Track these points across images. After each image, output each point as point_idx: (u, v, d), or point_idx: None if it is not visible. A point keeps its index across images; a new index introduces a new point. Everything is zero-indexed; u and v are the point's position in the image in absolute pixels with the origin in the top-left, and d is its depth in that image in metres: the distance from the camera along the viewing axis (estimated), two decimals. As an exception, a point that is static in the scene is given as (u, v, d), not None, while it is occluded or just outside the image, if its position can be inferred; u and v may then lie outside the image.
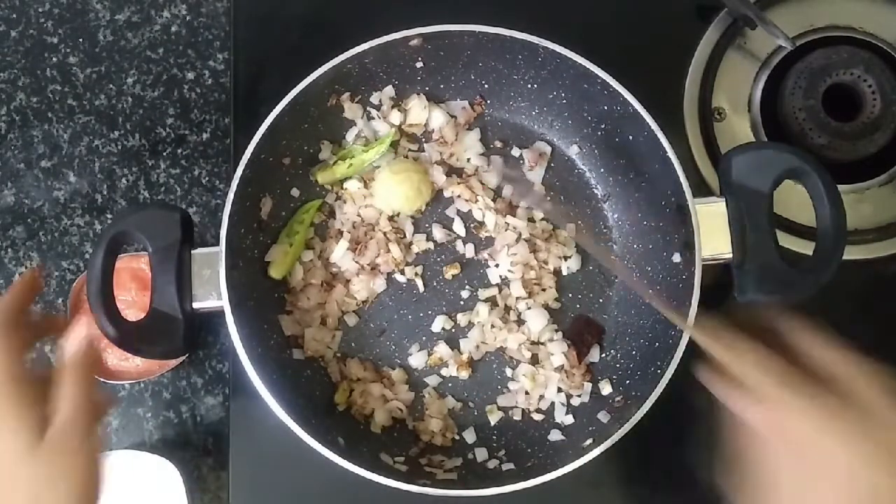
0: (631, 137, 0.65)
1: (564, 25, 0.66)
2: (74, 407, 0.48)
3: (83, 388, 0.49)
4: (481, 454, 0.66)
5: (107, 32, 0.80)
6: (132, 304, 0.68)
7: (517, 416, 0.68)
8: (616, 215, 0.71)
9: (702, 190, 0.70)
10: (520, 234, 0.70)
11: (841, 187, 0.61)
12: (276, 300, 0.69)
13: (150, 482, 0.63)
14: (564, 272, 0.70)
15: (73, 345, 0.51)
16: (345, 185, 0.70)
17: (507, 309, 0.69)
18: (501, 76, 0.69)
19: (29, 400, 0.48)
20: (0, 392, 0.48)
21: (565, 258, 0.70)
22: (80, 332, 0.55)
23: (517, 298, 0.69)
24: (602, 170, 0.71)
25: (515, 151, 0.72)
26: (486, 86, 0.71)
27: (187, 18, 0.80)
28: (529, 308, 0.69)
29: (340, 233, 0.70)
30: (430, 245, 0.70)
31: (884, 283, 0.73)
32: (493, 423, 0.68)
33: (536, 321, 0.68)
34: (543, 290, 0.70)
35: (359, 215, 0.70)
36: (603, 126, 0.68)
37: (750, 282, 0.60)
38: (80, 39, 0.80)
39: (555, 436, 0.67)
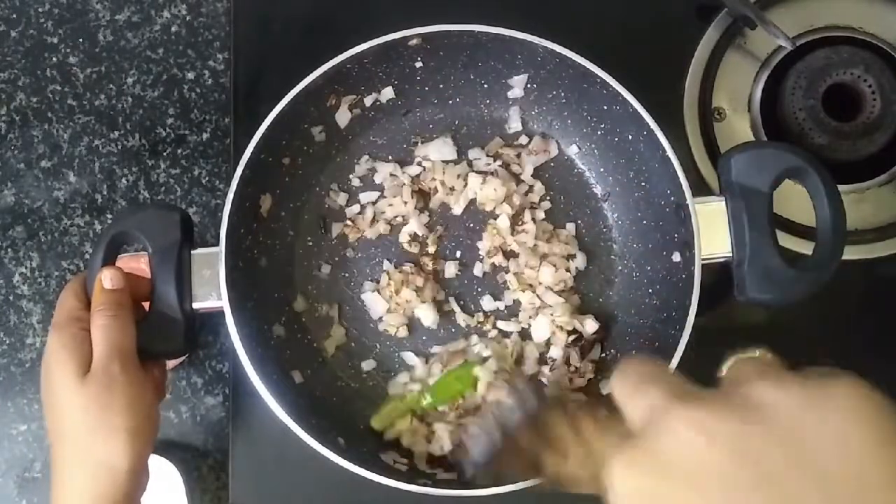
0: (631, 137, 0.65)
1: (564, 25, 0.66)
2: (106, 342, 0.55)
3: (112, 326, 0.56)
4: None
5: (107, 32, 0.80)
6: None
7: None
8: (616, 215, 0.71)
9: (701, 189, 0.70)
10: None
11: (841, 187, 0.61)
12: (277, 300, 0.69)
13: (151, 482, 0.63)
14: (573, 271, 0.70)
15: (100, 287, 0.58)
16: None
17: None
18: (501, 76, 0.69)
19: (78, 338, 0.56)
20: (57, 331, 0.56)
21: (570, 257, 0.70)
22: (107, 276, 0.58)
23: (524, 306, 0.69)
24: (602, 169, 0.71)
25: (524, 139, 0.72)
26: (485, 86, 0.71)
27: (187, 18, 0.80)
28: (532, 318, 0.69)
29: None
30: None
31: (884, 283, 0.73)
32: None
33: (541, 330, 0.68)
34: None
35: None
36: (603, 126, 0.68)
37: (750, 281, 0.60)
38: (80, 39, 0.80)
39: (555, 436, 0.67)
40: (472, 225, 0.71)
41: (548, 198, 0.71)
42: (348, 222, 0.71)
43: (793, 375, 0.32)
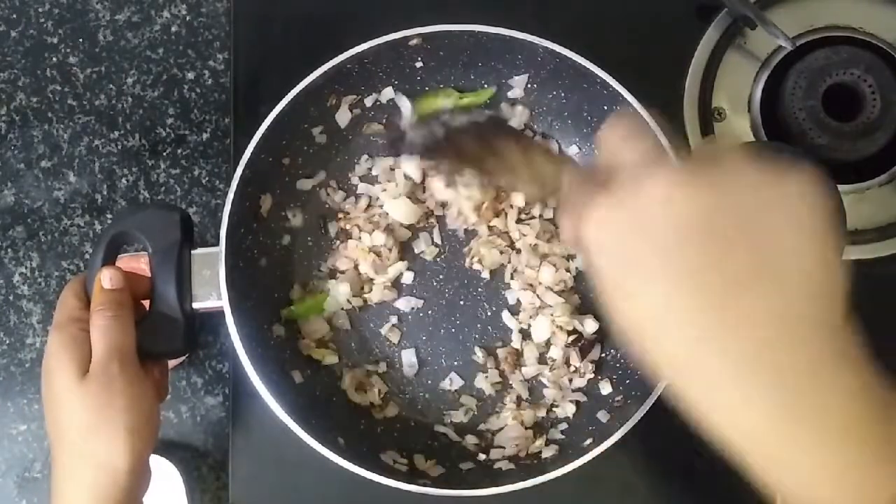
0: (631, 137, 0.65)
1: (564, 25, 0.66)
2: (105, 342, 0.55)
3: (112, 326, 0.56)
4: (481, 454, 0.66)
5: (107, 32, 0.80)
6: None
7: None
8: (616, 215, 0.71)
9: (702, 190, 0.70)
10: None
11: (841, 187, 0.61)
12: (277, 300, 0.69)
13: (151, 482, 0.63)
14: (573, 271, 0.70)
15: (100, 287, 0.58)
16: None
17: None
18: (501, 76, 0.69)
19: (78, 339, 0.55)
20: (57, 332, 0.56)
21: (570, 257, 0.70)
22: (106, 275, 0.58)
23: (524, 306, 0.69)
24: (602, 170, 0.71)
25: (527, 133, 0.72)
26: (485, 86, 0.71)
27: (187, 18, 0.80)
28: (532, 318, 0.69)
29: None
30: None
31: (884, 283, 0.73)
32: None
33: (540, 330, 0.68)
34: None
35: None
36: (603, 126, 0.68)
37: (750, 282, 0.60)
38: (80, 39, 0.80)
39: (554, 435, 0.67)
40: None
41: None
42: (350, 221, 0.71)
43: (759, 158, 0.37)
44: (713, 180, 0.36)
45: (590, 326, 0.68)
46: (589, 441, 0.61)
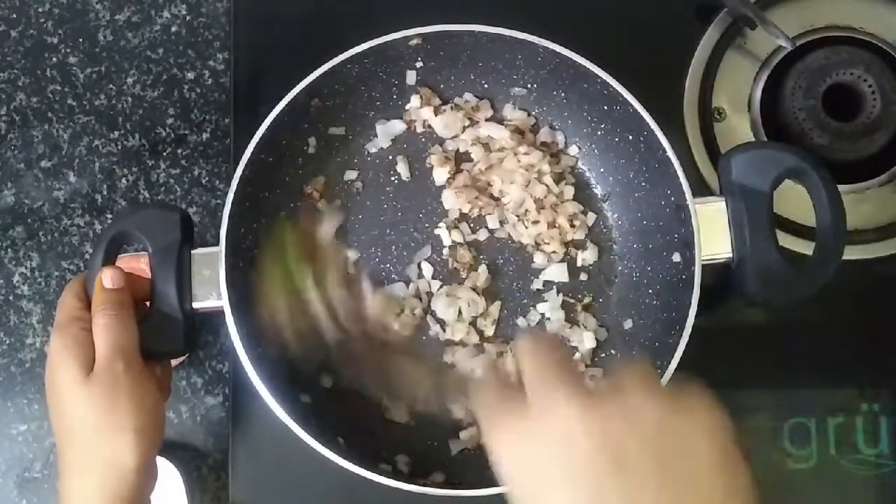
0: (631, 137, 0.65)
1: (564, 25, 0.66)
2: (108, 342, 0.55)
3: (114, 325, 0.56)
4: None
5: (107, 32, 0.80)
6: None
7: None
8: (616, 215, 0.71)
9: (702, 190, 0.70)
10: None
11: (841, 187, 0.61)
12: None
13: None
14: (579, 263, 0.70)
15: (100, 287, 0.58)
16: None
17: None
18: (501, 76, 0.69)
19: (80, 339, 0.56)
20: (59, 332, 0.56)
21: (580, 248, 0.70)
22: (107, 275, 0.58)
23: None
24: (602, 170, 0.71)
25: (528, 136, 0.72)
26: (485, 86, 0.71)
27: (187, 18, 0.80)
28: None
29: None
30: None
31: (884, 283, 0.73)
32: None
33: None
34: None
35: None
36: (603, 126, 0.68)
37: (750, 282, 0.60)
38: (80, 39, 0.80)
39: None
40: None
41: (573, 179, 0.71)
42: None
43: (663, 390, 0.39)
44: (615, 413, 0.38)
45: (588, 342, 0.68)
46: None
